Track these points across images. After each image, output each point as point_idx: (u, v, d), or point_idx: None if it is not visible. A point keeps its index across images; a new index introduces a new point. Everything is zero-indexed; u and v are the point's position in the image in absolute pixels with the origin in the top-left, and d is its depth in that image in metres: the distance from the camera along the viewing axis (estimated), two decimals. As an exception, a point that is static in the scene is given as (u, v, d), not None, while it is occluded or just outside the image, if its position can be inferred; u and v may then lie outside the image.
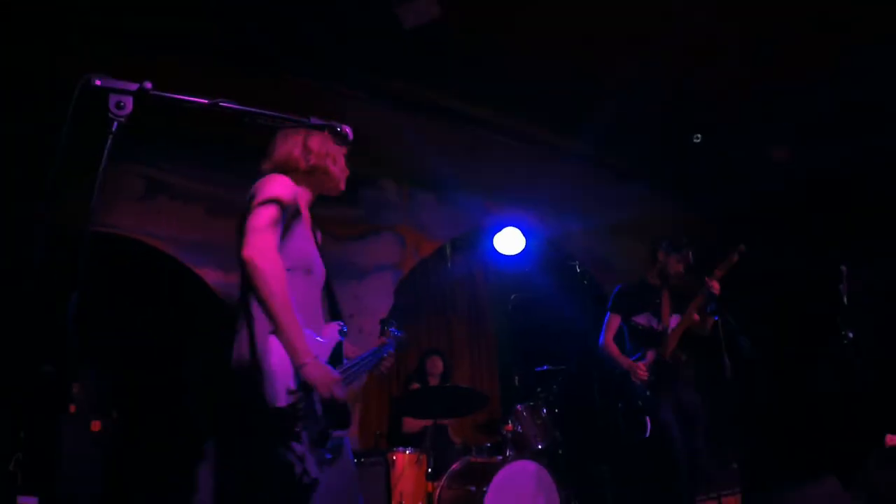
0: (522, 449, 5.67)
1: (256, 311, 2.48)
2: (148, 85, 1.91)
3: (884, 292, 7.60)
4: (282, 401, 2.35)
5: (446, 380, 6.84)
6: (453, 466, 5.40)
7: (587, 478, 7.46)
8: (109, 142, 1.85)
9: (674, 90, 6.10)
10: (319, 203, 2.98)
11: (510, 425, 5.80)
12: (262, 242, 2.47)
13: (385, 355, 3.14)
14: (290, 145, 2.84)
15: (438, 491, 5.29)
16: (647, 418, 5.30)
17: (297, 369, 2.39)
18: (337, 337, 2.69)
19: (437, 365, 6.86)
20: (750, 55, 5.61)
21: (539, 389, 6.36)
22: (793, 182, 7.43)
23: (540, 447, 5.71)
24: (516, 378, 6.98)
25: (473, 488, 5.06)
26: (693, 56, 5.62)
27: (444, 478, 5.33)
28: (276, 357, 2.39)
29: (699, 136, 6.78)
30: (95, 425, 5.20)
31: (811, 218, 8.18)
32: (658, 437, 5.26)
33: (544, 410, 5.96)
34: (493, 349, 8.64)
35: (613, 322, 5.64)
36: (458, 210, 7.54)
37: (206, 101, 2.08)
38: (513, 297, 7.90)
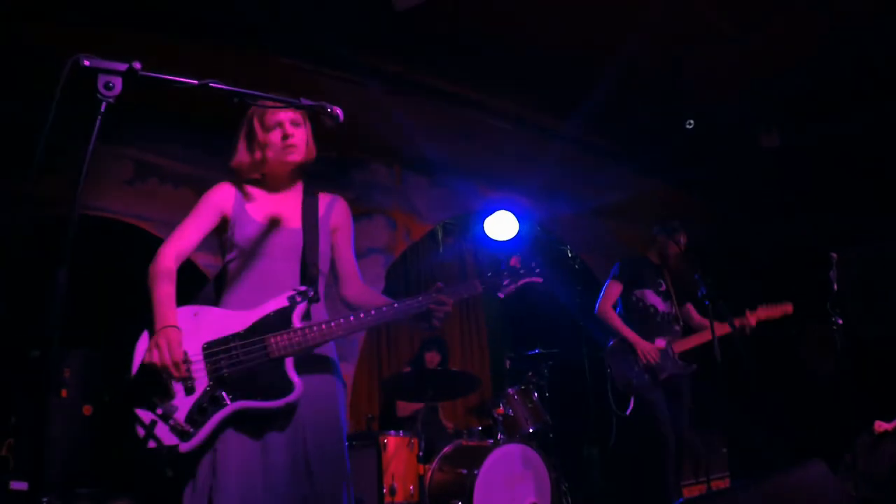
0: (513, 432, 5.68)
1: None
2: (137, 65, 1.89)
3: (876, 275, 7.62)
4: (134, 372, 2.52)
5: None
6: (444, 449, 5.41)
7: (577, 461, 7.50)
8: (98, 123, 1.84)
9: (663, 72, 6.08)
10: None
11: (501, 409, 5.81)
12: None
13: (428, 307, 2.87)
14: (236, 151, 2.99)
15: (430, 473, 5.30)
16: (633, 397, 5.33)
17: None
18: (278, 304, 2.70)
19: (434, 359, 6.84)
20: (740, 37, 5.61)
21: (530, 373, 6.37)
22: (781, 164, 7.42)
23: (531, 430, 5.72)
24: (507, 362, 6.99)
25: (465, 471, 5.07)
26: (684, 39, 5.61)
27: (436, 460, 5.34)
28: (143, 336, 2.59)
29: (692, 122, 6.77)
30: (87, 410, 5.18)
31: (800, 199, 8.19)
32: (646, 418, 5.28)
33: (535, 394, 5.97)
34: (483, 333, 8.64)
35: (614, 290, 5.63)
36: (450, 193, 7.51)
37: (195, 82, 2.06)
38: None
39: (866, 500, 5.10)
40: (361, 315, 2.77)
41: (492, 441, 5.42)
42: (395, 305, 2.85)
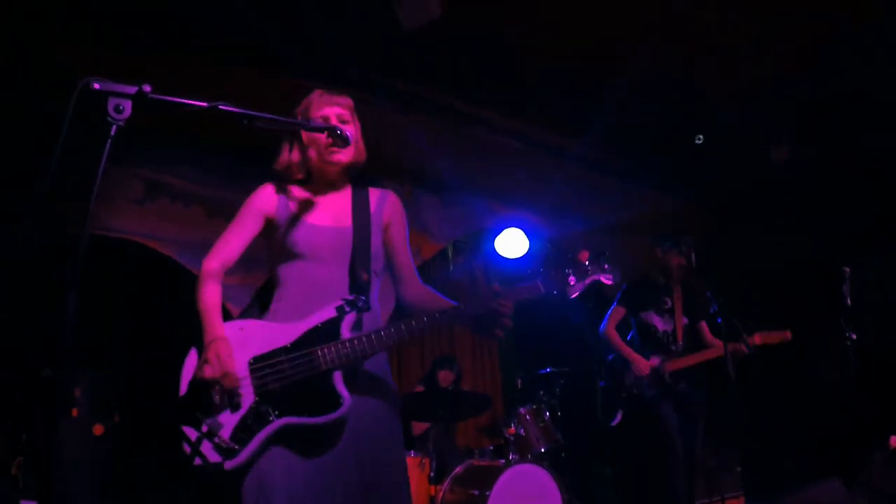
0: (525, 452, 5.65)
1: None
2: (147, 88, 1.89)
3: (887, 289, 7.57)
4: (182, 390, 2.50)
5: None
6: (456, 470, 5.37)
7: (589, 481, 7.44)
8: (108, 145, 1.83)
9: (674, 88, 6.08)
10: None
11: (513, 428, 5.79)
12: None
13: (486, 310, 2.63)
14: (282, 152, 2.83)
15: (441, 494, 5.26)
16: (620, 411, 5.34)
17: None
18: (326, 316, 2.57)
19: (447, 378, 6.81)
20: (751, 51, 5.61)
21: (541, 392, 6.35)
22: (794, 177, 7.40)
23: (542, 450, 5.69)
24: (519, 381, 6.96)
25: (476, 492, 5.03)
26: (693, 54, 5.62)
27: (447, 481, 5.31)
28: (191, 354, 2.57)
29: (701, 136, 6.77)
30: (98, 429, 5.18)
31: (813, 213, 8.15)
32: (658, 436, 5.26)
33: (547, 413, 5.94)
34: (495, 352, 8.61)
35: (617, 313, 5.69)
36: (461, 211, 7.49)
37: (205, 105, 2.07)
38: (515, 299, 7.86)
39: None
40: (413, 323, 2.58)
41: (503, 461, 5.37)
42: (450, 311, 2.64)
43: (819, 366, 7.54)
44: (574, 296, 2.83)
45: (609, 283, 2.89)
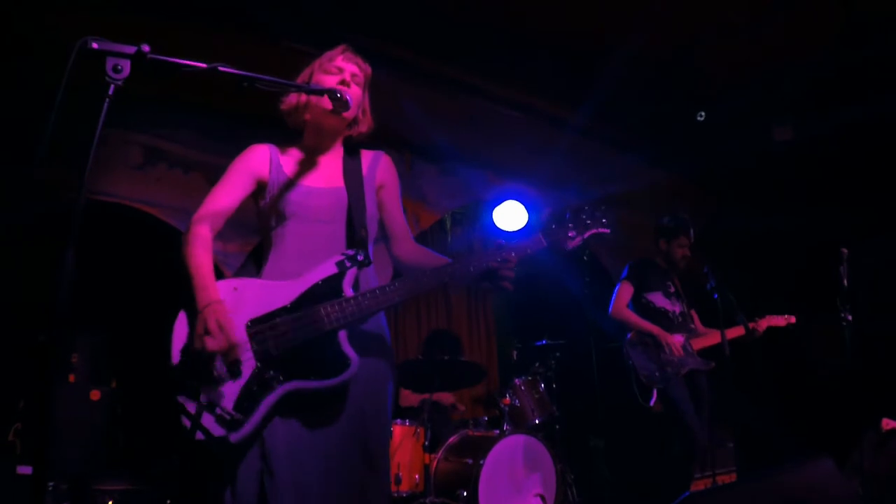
0: (519, 423, 5.69)
1: None
2: (146, 48, 1.87)
3: (885, 270, 7.58)
4: (174, 358, 2.34)
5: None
6: (450, 439, 5.41)
7: (583, 453, 7.49)
8: (106, 105, 1.81)
9: (673, 62, 6.05)
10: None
11: (508, 399, 5.81)
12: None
13: (490, 265, 2.59)
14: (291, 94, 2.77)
15: (435, 463, 5.30)
16: (655, 390, 5.31)
17: None
18: (326, 272, 2.49)
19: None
20: (751, 27, 5.58)
21: (537, 364, 6.36)
22: (792, 155, 7.38)
23: (537, 422, 5.73)
24: (514, 352, 6.97)
25: (470, 461, 5.07)
26: (693, 28, 5.58)
27: (441, 450, 5.35)
28: (180, 317, 2.40)
29: (703, 113, 6.74)
30: (95, 394, 5.19)
31: (811, 192, 8.14)
32: (671, 414, 5.25)
33: (542, 385, 5.96)
34: (491, 323, 8.63)
35: (626, 291, 5.58)
36: (459, 182, 7.47)
37: (204, 66, 2.04)
38: (512, 271, 7.87)
39: (873, 499, 5.07)
40: (419, 277, 2.53)
41: (498, 431, 5.40)
42: (454, 264, 2.57)
43: (814, 346, 7.57)
44: (570, 247, 2.81)
45: (606, 231, 2.88)
